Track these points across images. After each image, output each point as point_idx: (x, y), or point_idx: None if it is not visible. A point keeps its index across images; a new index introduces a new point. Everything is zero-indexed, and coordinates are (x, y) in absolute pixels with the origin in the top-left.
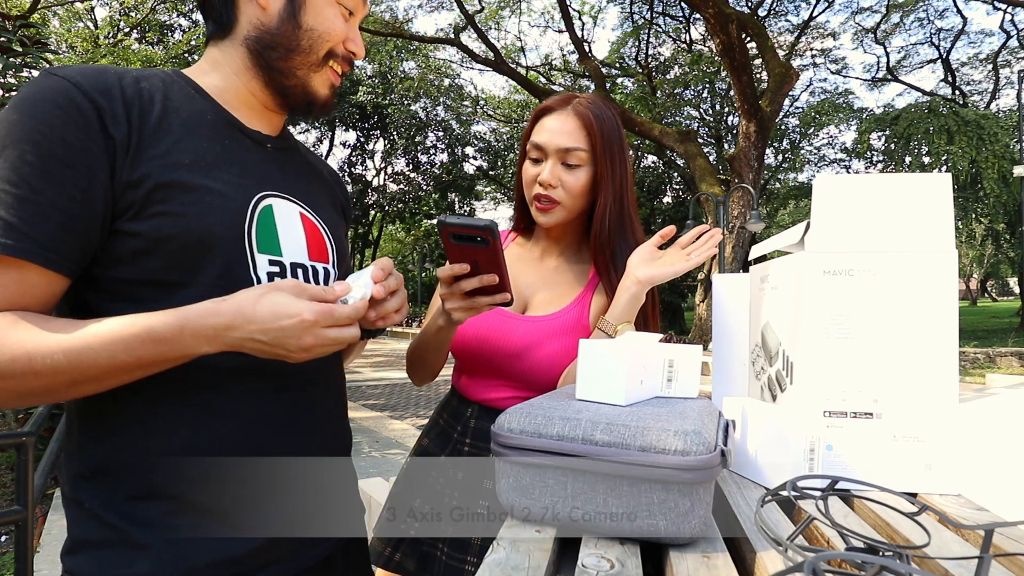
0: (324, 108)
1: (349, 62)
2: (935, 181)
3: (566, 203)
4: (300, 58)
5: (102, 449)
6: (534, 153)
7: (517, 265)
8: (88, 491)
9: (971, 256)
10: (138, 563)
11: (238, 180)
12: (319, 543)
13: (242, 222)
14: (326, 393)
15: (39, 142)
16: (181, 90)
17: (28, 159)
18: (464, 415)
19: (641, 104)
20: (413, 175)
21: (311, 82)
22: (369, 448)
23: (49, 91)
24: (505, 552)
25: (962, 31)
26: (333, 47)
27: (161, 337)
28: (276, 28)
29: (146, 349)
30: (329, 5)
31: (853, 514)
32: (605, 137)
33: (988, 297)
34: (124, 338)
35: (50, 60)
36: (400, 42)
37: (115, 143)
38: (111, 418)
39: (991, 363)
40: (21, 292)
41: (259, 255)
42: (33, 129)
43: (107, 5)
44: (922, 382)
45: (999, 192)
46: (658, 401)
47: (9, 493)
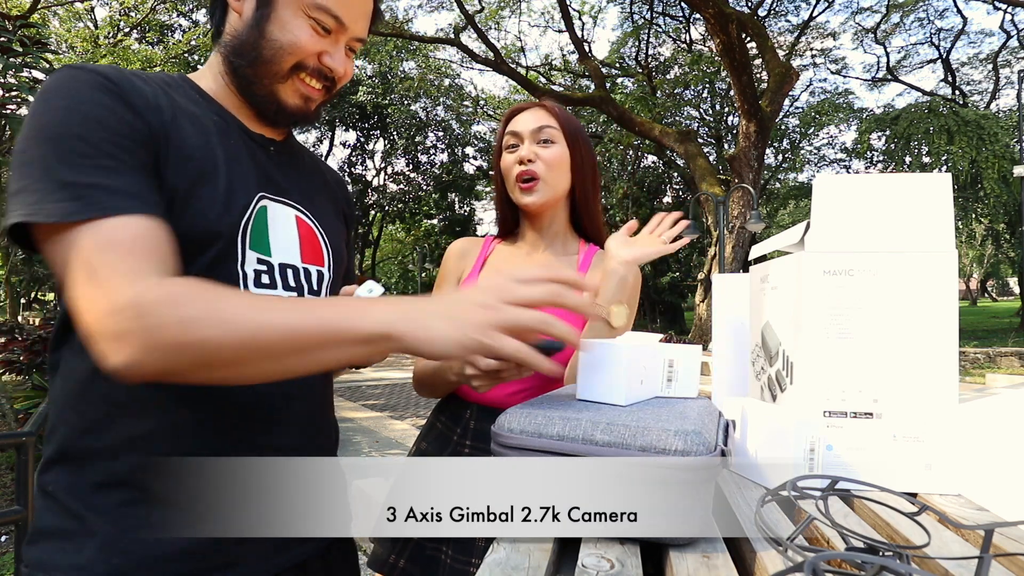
0: (299, 117)
1: (326, 78)
2: (935, 181)
3: (547, 178)
4: (263, 67)
5: (69, 432)
6: (510, 141)
7: (507, 262)
8: (53, 476)
9: (971, 256)
10: (84, 551)
11: (241, 180)
12: (291, 547)
13: (239, 219)
14: (305, 386)
15: (97, 118)
16: (185, 93)
17: (99, 134)
18: (463, 417)
19: (641, 104)
20: (413, 175)
21: (278, 92)
22: (369, 448)
23: (82, 78)
24: (505, 552)
25: (962, 31)
26: (301, 60)
27: (335, 302)
28: (244, 35)
29: (332, 310)
30: (296, 17)
31: (853, 514)
32: (572, 125)
33: (988, 297)
34: (316, 301)
35: (50, 60)
36: (400, 42)
37: (152, 128)
38: (81, 401)
39: (991, 363)
40: (160, 241)
41: (249, 251)
42: (83, 103)
43: (107, 5)
44: (922, 382)
45: (999, 192)
46: (658, 401)
47: (9, 493)
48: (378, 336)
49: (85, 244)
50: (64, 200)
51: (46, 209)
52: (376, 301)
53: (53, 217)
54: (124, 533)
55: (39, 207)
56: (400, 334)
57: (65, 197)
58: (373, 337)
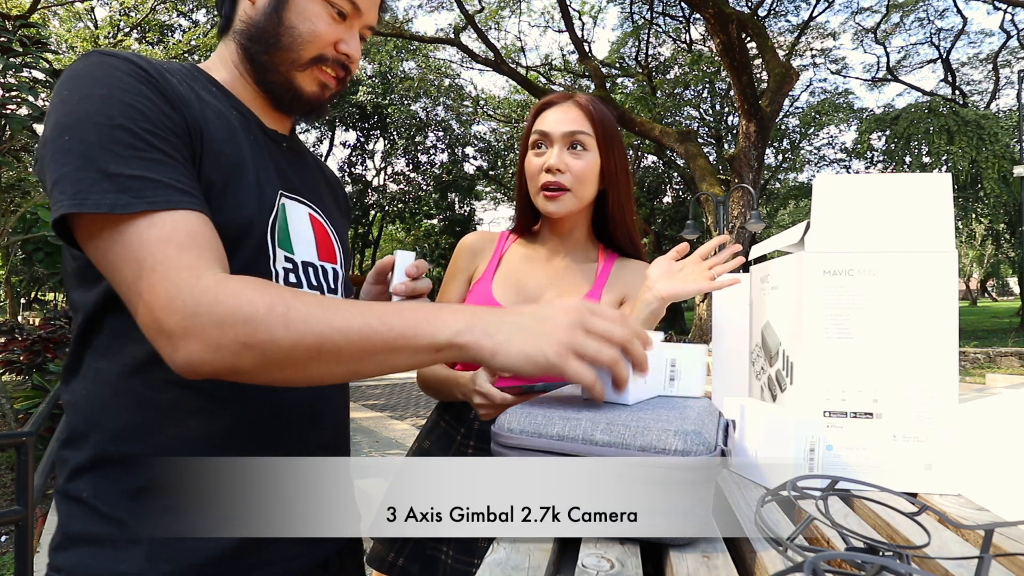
0: (314, 106)
1: (344, 67)
2: (935, 181)
3: (575, 189)
4: (282, 55)
5: (103, 437)
6: (538, 141)
7: (524, 266)
8: (86, 483)
9: (971, 256)
10: (130, 559)
11: (265, 175)
12: (316, 547)
13: (268, 216)
14: (335, 388)
15: (136, 107)
16: (204, 86)
17: (142, 126)
18: (468, 417)
19: (641, 104)
20: (413, 175)
21: (295, 79)
22: (369, 448)
23: (115, 64)
24: (505, 552)
25: (962, 31)
26: (322, 52)
27: (415, 307)
28: (261, 22)
29: (400, 319)
30: (313, 3)
31: (853, 514)
32: (607, 128)
33: (988, 297)
34: (376, 308)
35: (50, 60)
36: (400, 42)
37: (186, 119)
38: (114, 405)
39: (991, 363)
40: (214, 238)
41: (278, 249)
42: (125, 92)
43: (107, 5)
44: (922, 382)
45: (999, 192)
46: (659, 401)
47: (9, 493)
48: (450, 345)
49: (142, 238)
50: (112, 191)
51: (93, 200)
52: (447, 309)
53: (102, 208)
54: (169, 540)
55: (84, 198)
56: (472, 344)
57: (112, 188)
58: (446, 345)
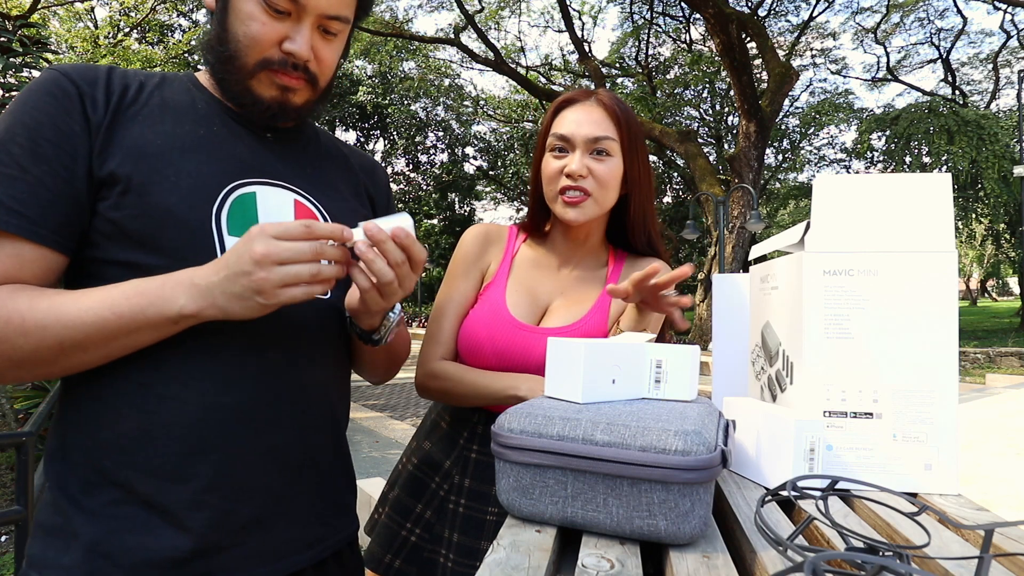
0: (279, 109)
1: (300, 68)
2: (935, 181)
3: (597, 195)
4: (230, 65)
5: (64, 427)
6: (558, 145)
7: (534, 273)
8: (52, 471)
9: (971, 256)
10: (71, 553)
11: (218, 164)
12: (287, 553)
13: (210, 205)
14: (298, 387)
15: (29, 125)
16: (180, 85)
17: (19, 141)
18: (470, 420)
19: (641, 104)
20: (413, 175)
21: (252, 87)
22: (369, 448)
23: (43, 81)
24: (505, 552)
25: (962, 31)
26: (266, 55)
27: (143, 289)
28: (212, 32)
29: (129, 304)
30: (250, 4)
31: (853, 514)
32: (632, 130)
33: (988, 297)
34: (111, 295)
35: (50, 60)
36: (400, 42)
37: (91, 125)
38: (74, 395)
39: (991, 363)
40: (18, 267)
41: (228, 238)
42: (25, 114)
43: (107, 5)
44: (922, 382)
45: (999, 192)
46: (659, 401)
47: (9, 493)
48: (182, 317)
49: None
50: None
51: None
52: (169, 284)
53: None
54: (108, 536)
55: None
56: (201, 313)
57: None
58: (179, 318)
